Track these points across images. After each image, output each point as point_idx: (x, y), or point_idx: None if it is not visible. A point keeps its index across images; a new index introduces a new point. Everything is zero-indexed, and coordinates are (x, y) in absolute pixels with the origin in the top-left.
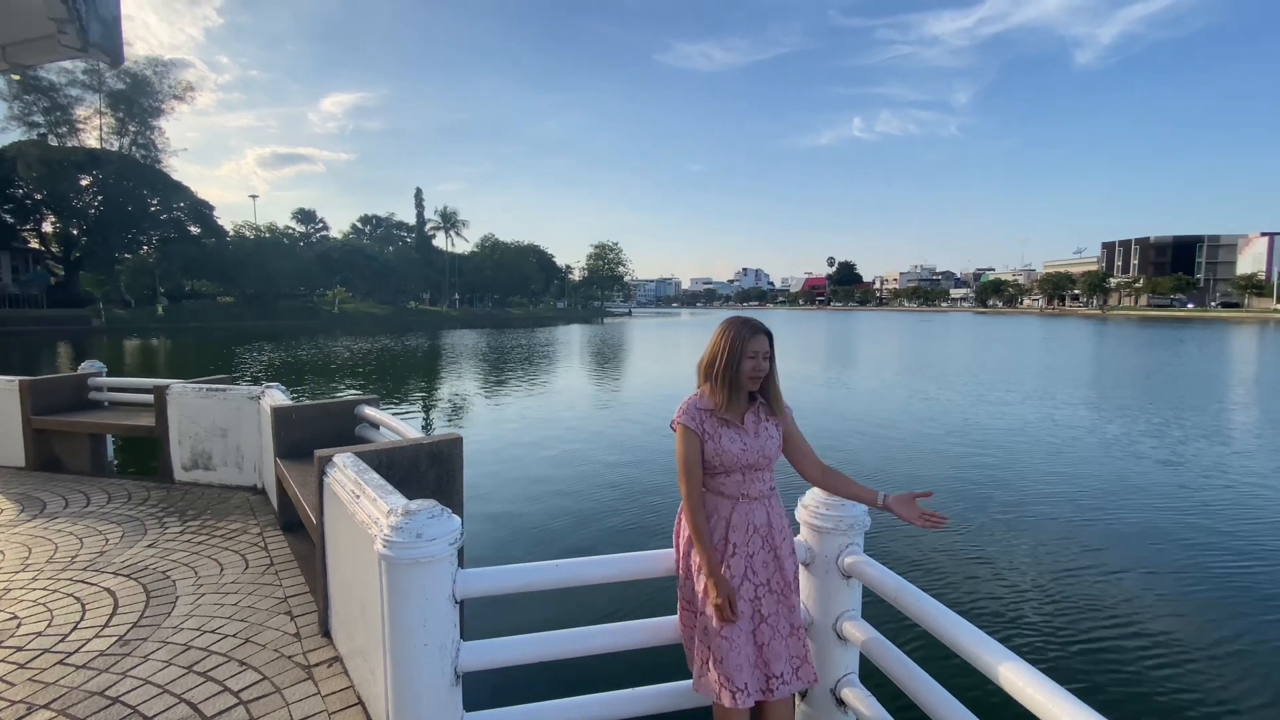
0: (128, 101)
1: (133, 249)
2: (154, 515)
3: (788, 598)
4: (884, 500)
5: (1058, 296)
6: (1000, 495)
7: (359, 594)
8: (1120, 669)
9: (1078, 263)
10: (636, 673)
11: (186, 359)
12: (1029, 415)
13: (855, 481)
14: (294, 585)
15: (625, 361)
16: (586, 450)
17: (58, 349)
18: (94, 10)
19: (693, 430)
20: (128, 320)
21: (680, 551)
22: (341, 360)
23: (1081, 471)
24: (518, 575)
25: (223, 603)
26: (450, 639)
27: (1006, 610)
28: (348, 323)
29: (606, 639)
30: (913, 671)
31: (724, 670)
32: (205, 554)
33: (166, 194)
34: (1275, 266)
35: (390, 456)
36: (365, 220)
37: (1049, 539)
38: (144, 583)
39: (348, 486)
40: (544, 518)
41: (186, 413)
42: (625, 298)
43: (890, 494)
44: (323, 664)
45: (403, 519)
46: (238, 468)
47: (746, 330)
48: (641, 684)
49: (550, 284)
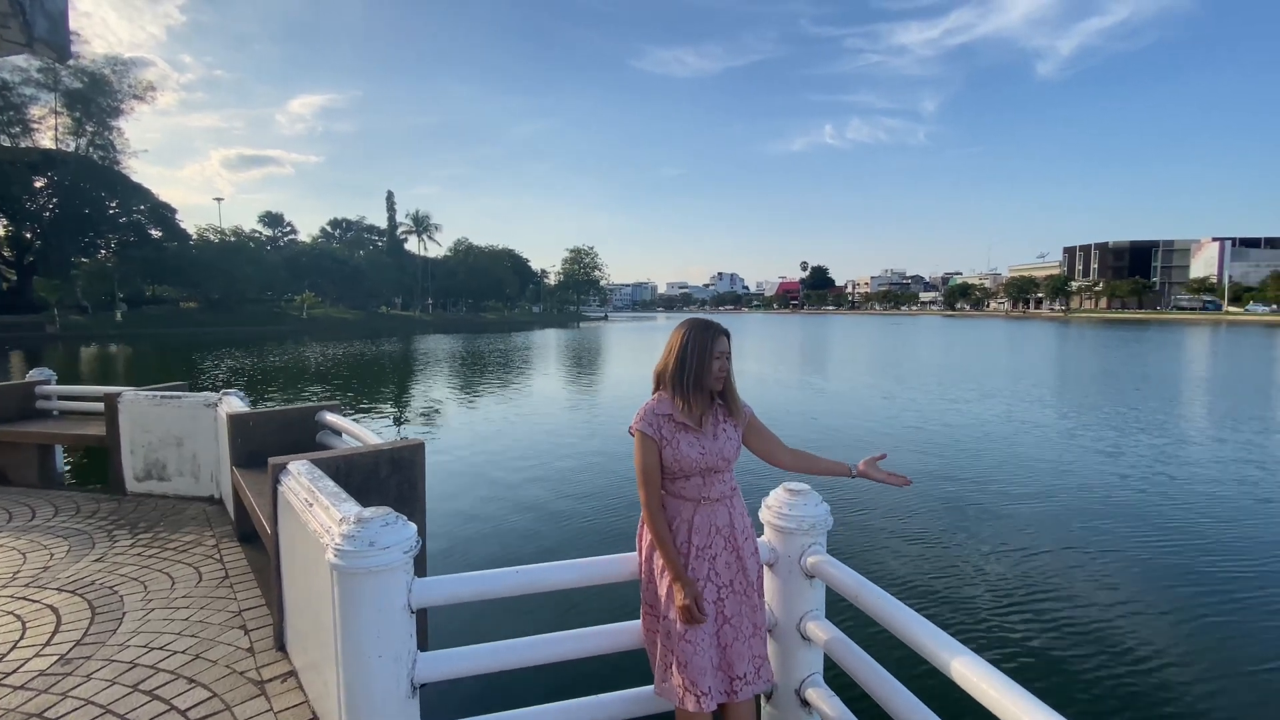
0: (85, 101)
1: (90, 253)
2: (103, 528)
3: (751, 598)
4: (854, 470)
5: (1023, 300)
6: (961, 492)
7: (313, 606)
8: (1076, 663)
9: (1041, 267)
10: (601, 678)
11: (146, 366)
12: (989, 414)
13: (825, 458)
14: (249, 598)
15: (598, 365)
16: (557, 454)
17: (9, 357)
18: (39, 5)
19: (650, 436)
20: (85, 327)
21: (643, 555)
22: (309, 367)
23: (1041, 469)
24: (477, 583)
25: (173, 618)
26: (406, 650)
27: (968, 607)
28: (316, 328)
29: (569, 646)
30: (874, 670)
31: (688, 674)
32: (156, 567)
33: (126, 196)
34: (1225, 270)
35: (349, 463)
36: (335, 224)
37: (1009, 536)
38: (89, 599)
39: (301, 495)
40: (513, 522)
41: (139, 421)
42: (601, 302)
43: (855, 464)
44: (276, 679)
45: (355, 527)
46: (194, 477)
47: (710, 332)
48: (606, 690)
49: (525, 288)
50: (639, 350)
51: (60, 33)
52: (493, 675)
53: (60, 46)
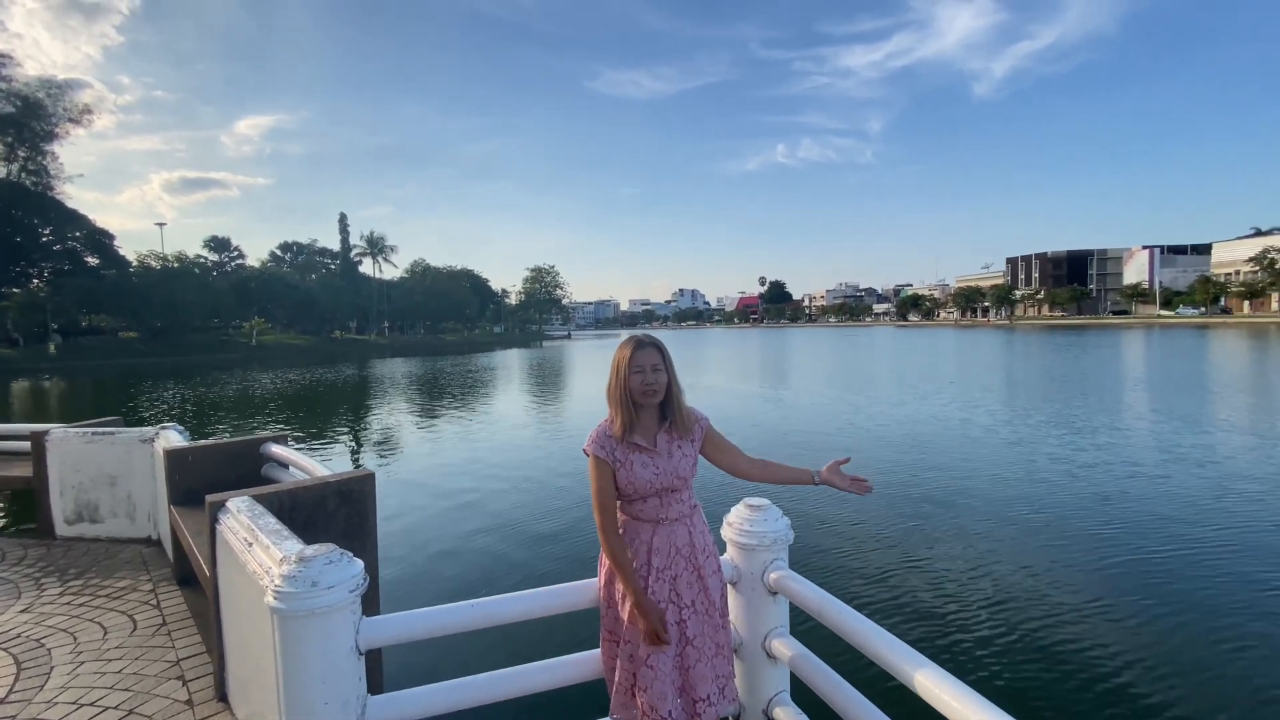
0: (17, 125)
1: (21, 283)
2: (30, 576)
3: (713, 618)
4: (817, 476)
5: (970, 309)
6: (921, 501)
7: (255, 652)
8: (1039, 671)
9: (986, 277)
10: (567, 710)
11: (82, 401)
12: (944, 421)
13: (787, 466)
14: (188, 646)
15: (560, 385)
16: (518, 479)
17: None
18: None
19: (603, 459)
20: (16, 360)
21: (602, 580)
22: (257, 396)
23: (999, 475)
24: (429, 619)
25: (104, 670)
26: (355, 694)
27: (932, 618)
28: (267, 355)
29: (531, 679)
30: (840, 687)
31: (648, 699)
32: (87, 617)
33: (60, 223)
34: (1156, 276)
35: (293, 498)
36: (285, 247)
37: (970, 544)
38: (14, 653)
39: (240, 534)
40: (473, 552)
41: (69, 460)
42: (564, 320)
43: (818, 470)
44: None
45: (296, 567)
46: (129, 518)
47: (630, 346)
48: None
49: (486, 308)
50: (601, 369)
51: None
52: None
53: None
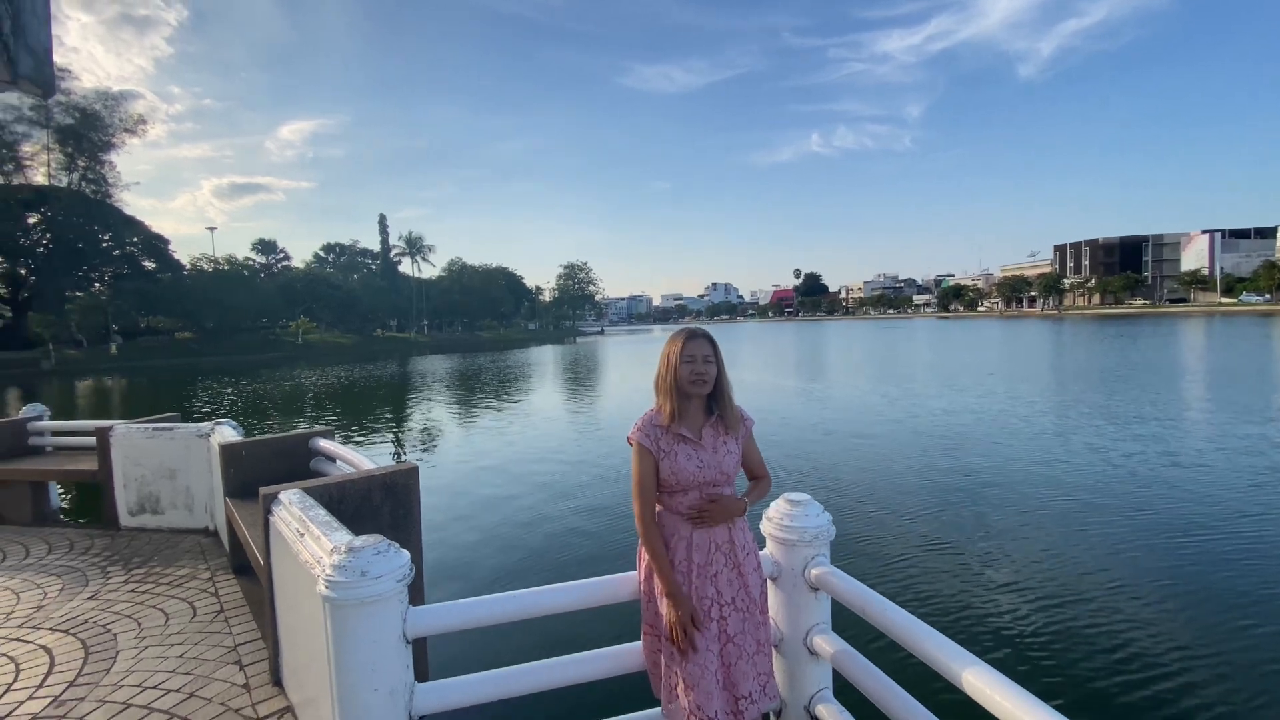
0: (76, 136)
1: (84, 287)
2: (97, 565)
3: (754, 615)
4: None
5: (1016, 299)
6: (964, 496)
7: (308, 639)
8: (1090, 672)
9: (1032, 265)
10: (605, 702)
11: (141, 399)
12: (990, 415)
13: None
14: (244, 632)
15: (596, 381)
16: (556, 473)
17: (4, 394)
18: (23, 42)
19: (647, 448)
20: (80, 361)
21: (642, 574)
22: (304, 393)
23: (1048, 470)
24: (474, 609)
25: (167, 655)
26: (403, 682)
27: (975, 615)
28: (312, 354)
29: (571, 670)
30: (884, 684)
31: (693, 699)
32: (150, 603)
33: (118, 229)
34: (1216, 262)
35: (341, 490)
36: (328, 248)
37: (1015, 540)
38: (83, 638)
39: (292, 525)
40: (513, 544)
41: (131, 455)
42: (597, 316)
43: None
44: (273, 715)
45: (346, 557)
46: (188, 510)
47: (682, 336)
48: (610, 713)
49: (520, 305)
50: (635, 364)
51: (45, 69)
52: (495, 703)
53: (45, 83)
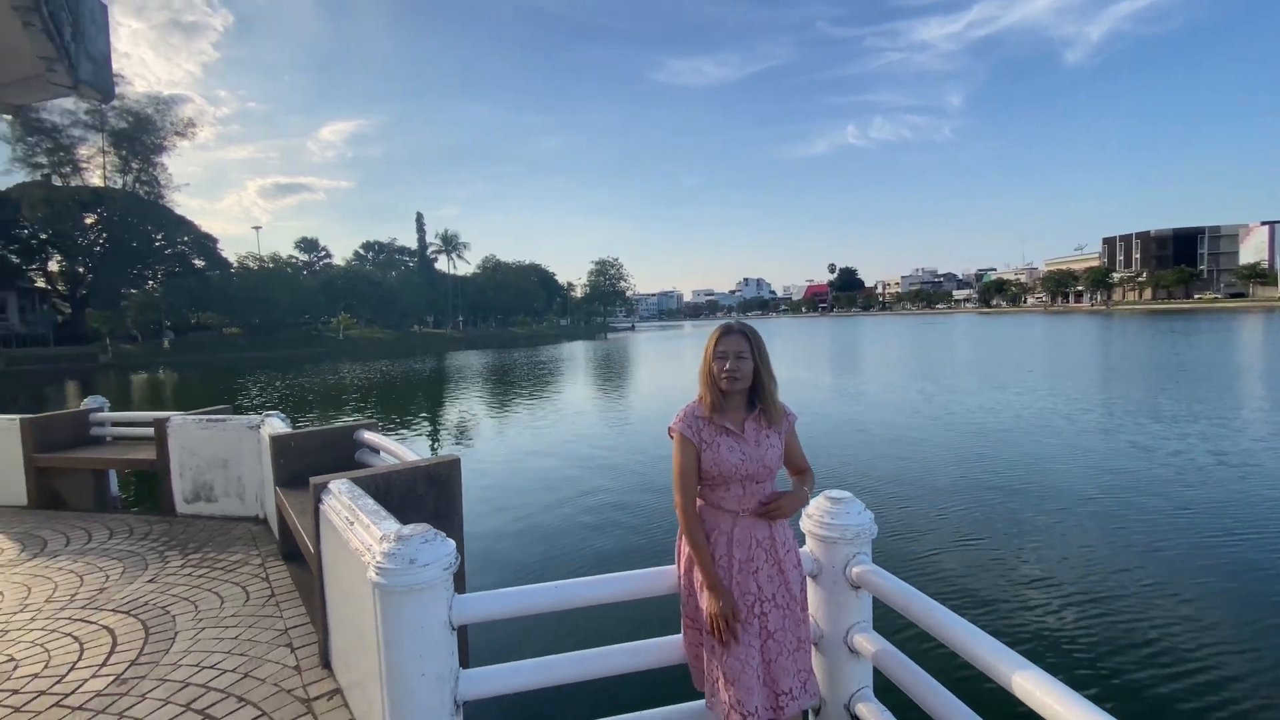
0: (130, 139)
1: (138, 284)
2: (155, 549)
3: (794, 612)
4: None
5: (1061, 294)
6: (1003, 497)
7: (356, 623)
8: (1134, 674)
9: (1079, 259)
10: (642, 693)
11: (192, 391)
12: (1030, 415)
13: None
14: (295, 616)
15: (628, 376)
16: (591, 466)
17: (65, 387)
18: (84, 49)
19: (689, 438)
20: (135, 355)
21: (681, 567)
22: (346, 387)
23: (1088, 471)
24: (516, 599)
25: (222, 636)
26: (449, 667)
27: (1020, 616)
28: (353, 349)
29: (612, 661)
30: (928, 684)
31: (735, 693)
32: (206, 587)
33: (170, 229)
34: (1277, 255)
35: (387, 481)
36: (368, 246)
37: (1061, 541)
38: (143, 619)
39: (342, 513)
40: (549, 536)
41: (187, 445)
42: (628, 312)
43: None
44: (323, 697)
45: (395, 545)
46: (239, 498)
47: (718, 331)
48: (646, 705)
49: (552, 301)
50: (666, 359)
51: (104, 75)
52: (533, 692)
53: (104, 88)
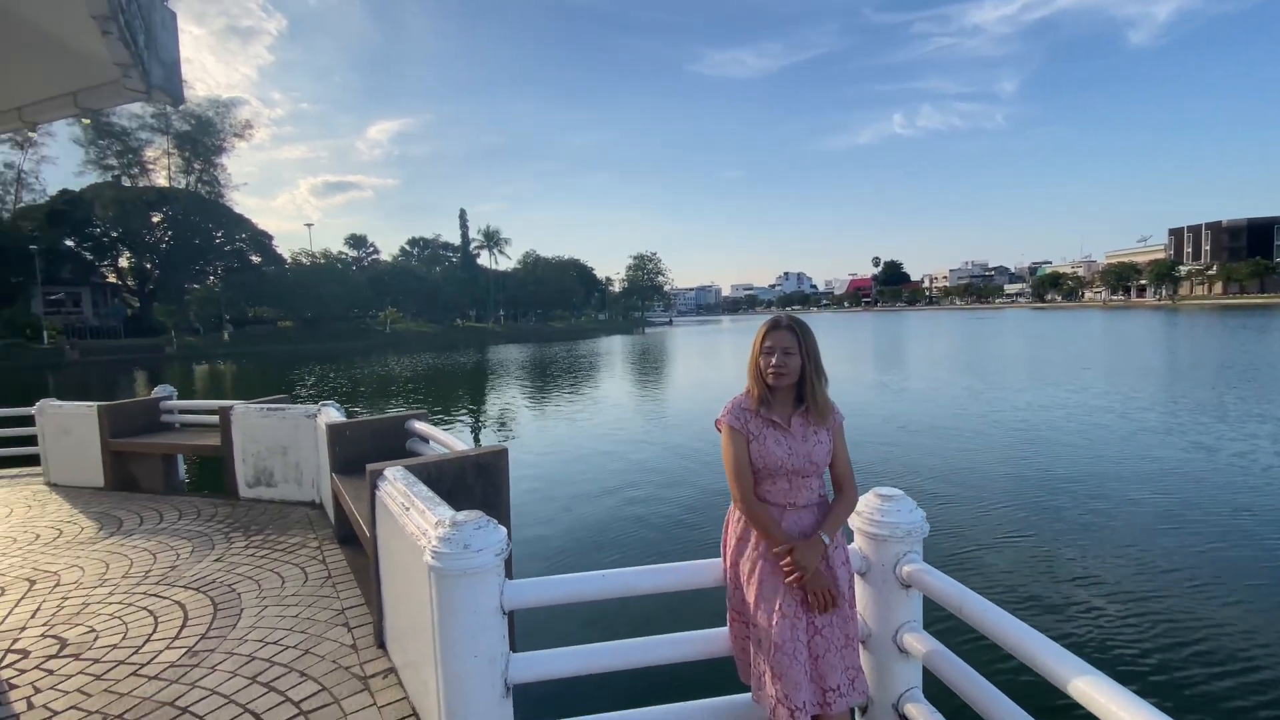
0: (192, 141)
1: (200, 280)
2: (221, 531)
3: (842, 609)
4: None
5: (1122, 288)
6: (1052, 496)
7: (411, 606)
8: (1197, 683)
9: (1142, 251)
10: (684, 684)
11: (251, 381)
12: (1084, 413)
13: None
14: (350, 597)
15: (667, 370)
16: (633, 460)
17: (134, 376)
18: (155, 55)
19: (737, 429)
20: (198, 347)
21: (727, 560)
22: (394, 378)
23: (1144, 471)
24: (565, 586)
25: (284, 614)
26: (500, 651)
27: (1068, 618)
28: (399, 342)
29: (658, 651)
30: (980, 686)
31: (783, 687)
32: (268, 567)
33: (230, 227)
34: None
35: (438, 469)
36: (413, 242)
37: (1105, 541)
38: (211, 595)
39: (398, 499)
40: (590, 528)
41: (249, 432)
42: (665, 307)
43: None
44: (378, 675)
45: (450, 530)
46: (297, 484)
47: (765, 326)
48: (688, 696)
49: (591, 296)
50: (704, 354)
51: (174, 80)
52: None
53: (175, 92)
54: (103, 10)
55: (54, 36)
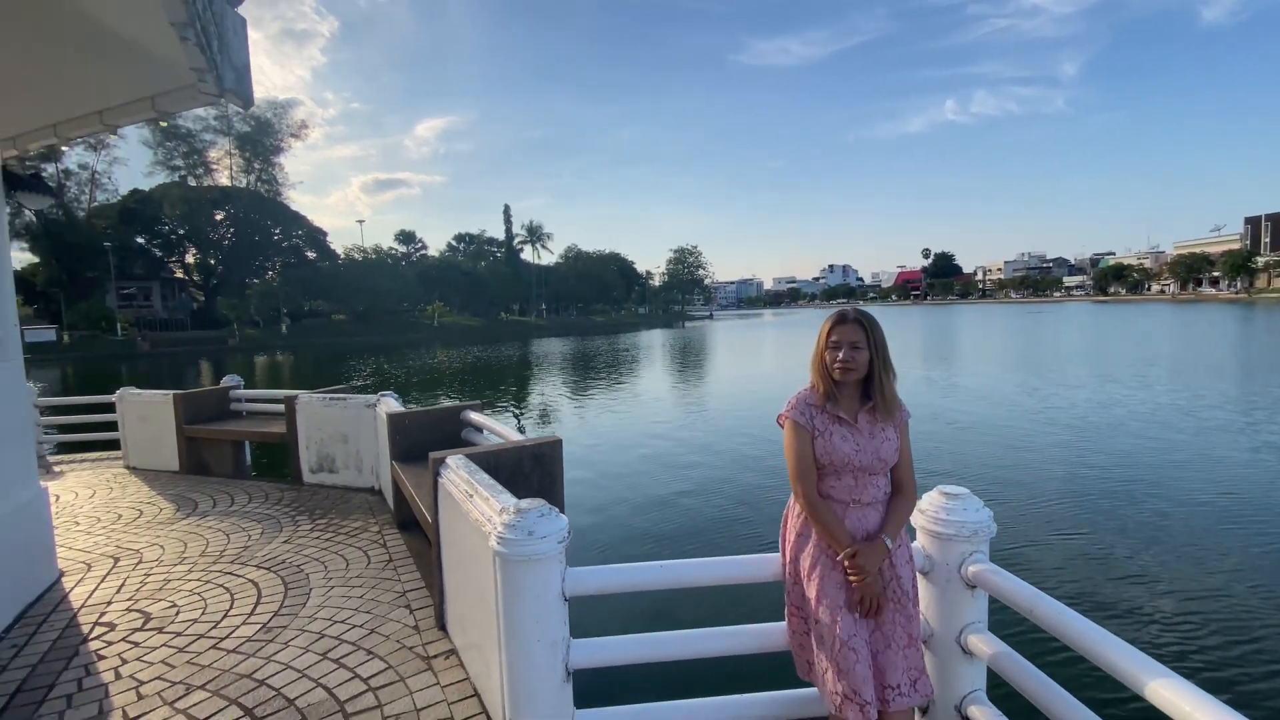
0: (252, 143)
1: (260, 275)
2: (288, 514)
3: (905, 608)
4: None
5: (1192, 280)
6: (1112, 496)
7: (473, 590)
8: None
9: (1216, 241)
10: (737, 677)
11: (307, 372)
12: (1148, 412)
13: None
14: (411, 580)
15: (709, 364)
16: (679, 453)
17: (200, 366)
18: (227, 59)
19: (802, 425)
20: (258, 339)
21: (787, 555)
22: (443, 370)
23: (1211, 472)
24: (624, 575)
25: (350, 595)
26: (561, 635)
27: (1131, 622)
28: (446, 335)
29: (715, 643)
30: (1051, 690)
31: (848, 682)
32: (332, 550)
33: (287, 224)
34: None
35: (496, 458)
36: (459, 238)
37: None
38: (282, 575)
39: (461, 486)
40: (639, 520)
41: (312, 420)
42: (706, 301)
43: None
44: (440, 655)
45: (515, 517)
46: (357, 470)
47: (831, 319)
48: (740, 689)
49: (631, 290)
50: (746, 348)
51: (244, 83)
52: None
53: (245, 95)
54: (181, 17)
55: (134, 43)
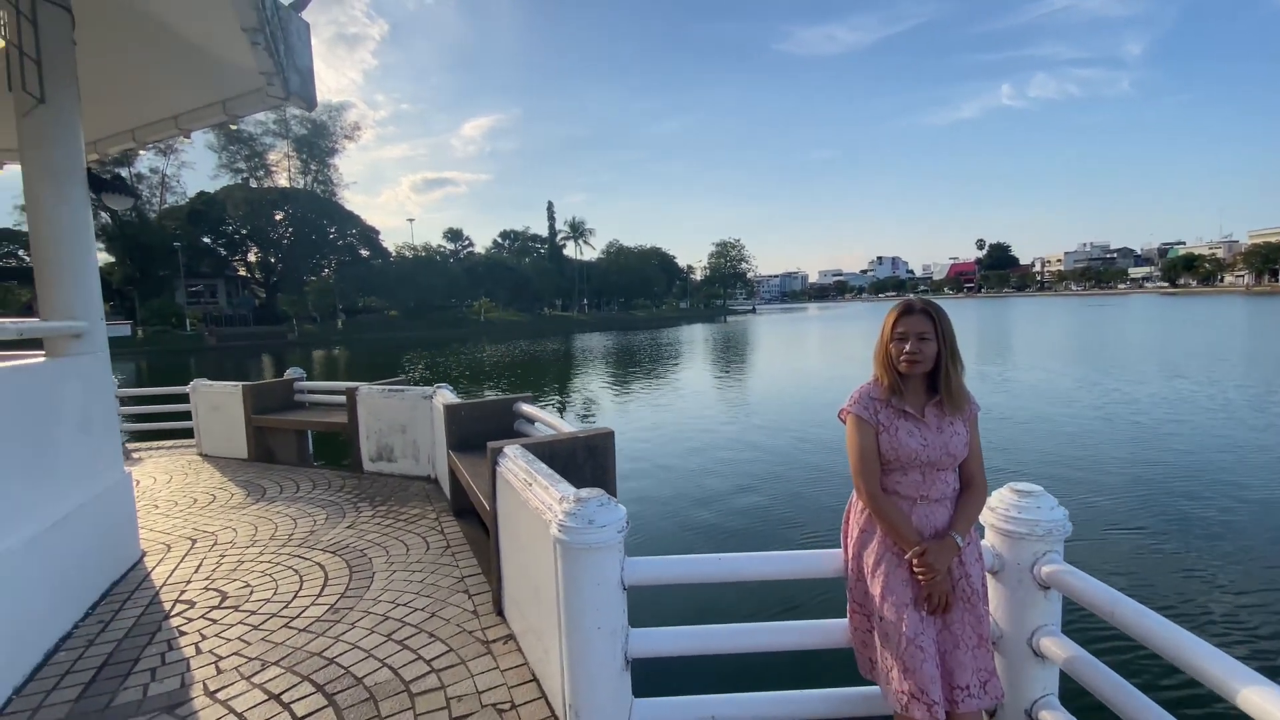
0: (309, 145)
1: (316, 272)
2: (350, 501)
3: (975, 607)
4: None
5: (1269, 271)
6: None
7: (532, 576)
8: None
9: None
10: (793, 672)
11: (362, 365)
12: (1217, 409)
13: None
14: (468, 566)
15: (754, 358)
16: (728, 446)
17: (262, 360)
18: (293, 63)
19: (866, 420)
20: (315, 334)
21: (849, 551)
22: (492, 363)
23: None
24: (682, 566)
25: (411, 579)
26: (620, 624)
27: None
28: (493, 330)
29: (776, 637)
30: (1131, 696)
31: (916, 681)
32: (393, 536)
33: (342, 223)
34: None
35: (551, 449)
36: (504, 235)
37: (1247, 545)
38: (346, 559)
39: (519, 476)
40: (690, 514)
41: (372, 411)
42: (748, 295)
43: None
44: (499, 640)
45: (575, 506)
46: (414, 459)
47: (897, 309)
48: (797, 685)
49: (673, 285)
50: (790, 342)
51: (309, 86)
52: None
53: (309, 98)
54: (253, 23)
55: (207, 50)
